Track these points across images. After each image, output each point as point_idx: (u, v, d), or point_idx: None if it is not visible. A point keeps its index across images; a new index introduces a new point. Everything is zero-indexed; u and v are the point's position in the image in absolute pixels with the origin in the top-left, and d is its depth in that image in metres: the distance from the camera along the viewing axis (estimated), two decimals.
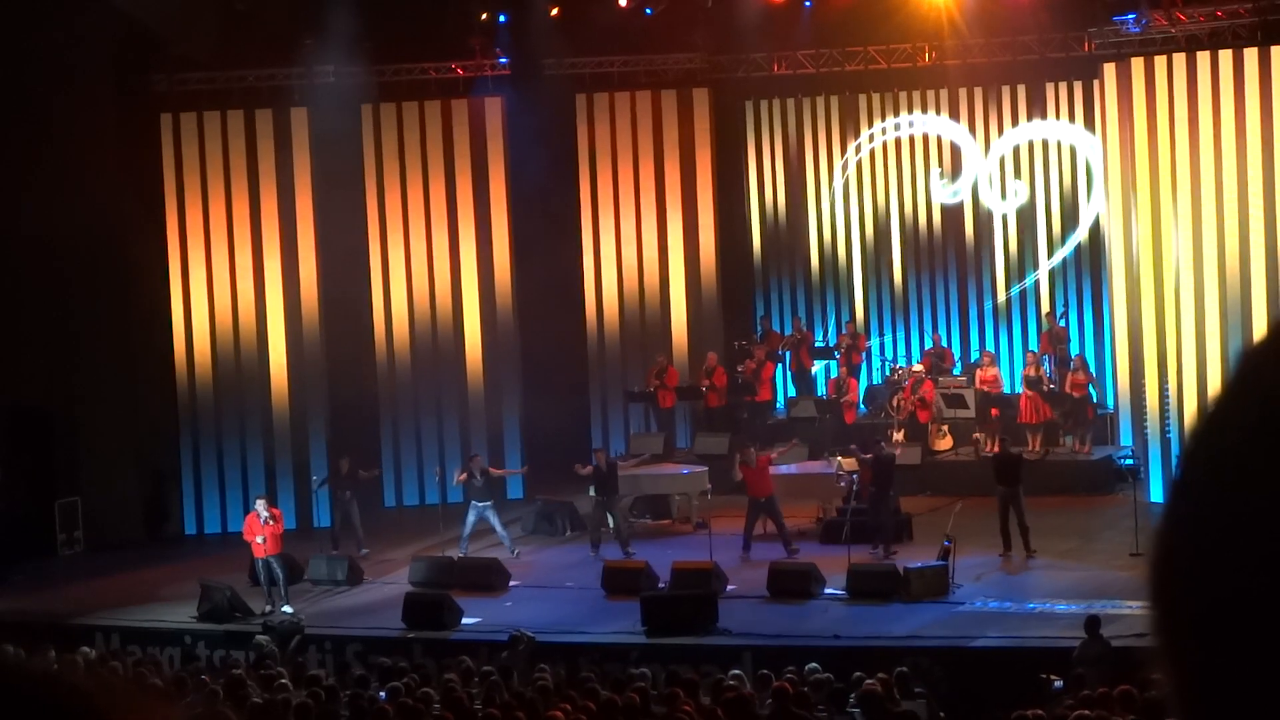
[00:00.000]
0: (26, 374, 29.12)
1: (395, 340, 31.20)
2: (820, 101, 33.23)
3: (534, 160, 31.44)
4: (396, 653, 21.52)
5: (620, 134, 32.07)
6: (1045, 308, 32.05)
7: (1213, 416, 1.48)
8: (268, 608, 24.18)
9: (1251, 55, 25.66)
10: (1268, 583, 1.39)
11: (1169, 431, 26.71)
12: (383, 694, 17.48)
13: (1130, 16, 27.55)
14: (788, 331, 33.09)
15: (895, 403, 30.04)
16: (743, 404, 31.37)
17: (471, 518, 26.55)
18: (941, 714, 18.05)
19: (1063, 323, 31.39)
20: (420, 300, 31.13)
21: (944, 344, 32.20)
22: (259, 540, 24.39)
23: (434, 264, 31.07)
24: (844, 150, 33.24)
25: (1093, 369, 30.06)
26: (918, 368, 31.04)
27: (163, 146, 30.20)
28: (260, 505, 24.82)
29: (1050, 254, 32.31)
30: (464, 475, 26.94)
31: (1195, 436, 1.50)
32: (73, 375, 29.30)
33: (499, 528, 26.65)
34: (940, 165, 32.68)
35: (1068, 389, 29.18)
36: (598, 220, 32.12)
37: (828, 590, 23.28)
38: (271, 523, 24.46)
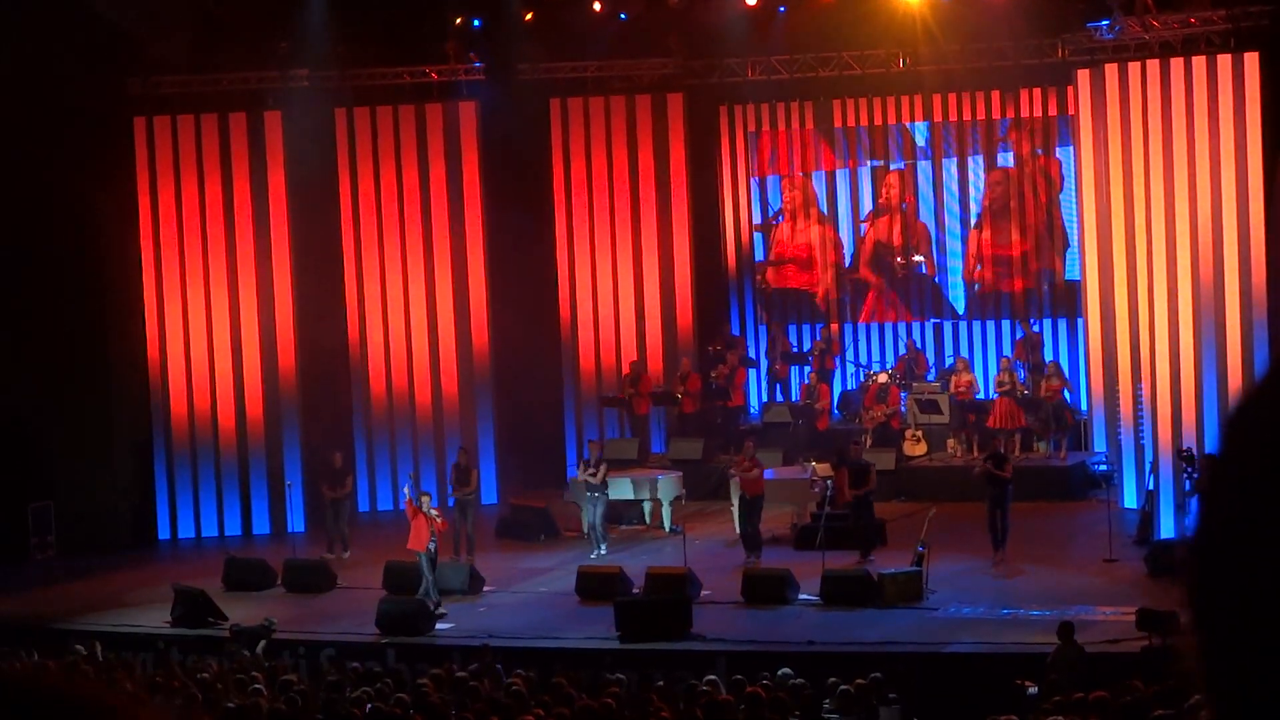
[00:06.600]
0: None
1: (369, 341, 31.19)
2: (795, 106, 33.27)
3: (508, 164, 31.45)
4: (370, 657, 21.50)
5: (595, 138, 32.03)
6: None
7: (1249, 404, 1.48)
8: (435, 603, 23.85)
9: (1225, 61, 25.71)
10: None
11: (1143, 438, 26.75)
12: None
13: (1104, 23, 27.58)
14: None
15: (865, 413, 30.04)
16: (716, 409, 31.37)
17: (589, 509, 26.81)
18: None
19: (1036, 328, 31.43)
20: (394, 302, 31.12)
21: (918, 348, 32.23)
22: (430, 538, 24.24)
23: (408, 267, 31.04)
24: None
25: (1067, 374, 30.10)
26: (881, 376, 30.89)
27: (136, 149, 30.14)
28: (425, 503, 24.56)
29: None
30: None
31: (1232, 426, 1.49)
32: (46, 378, 29.17)
33: (597, 521, 26.70)
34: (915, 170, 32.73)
35: (1042, 394, 29.21)
36: (572, 224, 32.07)
37: (802, 596, 23.29)
38: (439, 520, 24.42)
